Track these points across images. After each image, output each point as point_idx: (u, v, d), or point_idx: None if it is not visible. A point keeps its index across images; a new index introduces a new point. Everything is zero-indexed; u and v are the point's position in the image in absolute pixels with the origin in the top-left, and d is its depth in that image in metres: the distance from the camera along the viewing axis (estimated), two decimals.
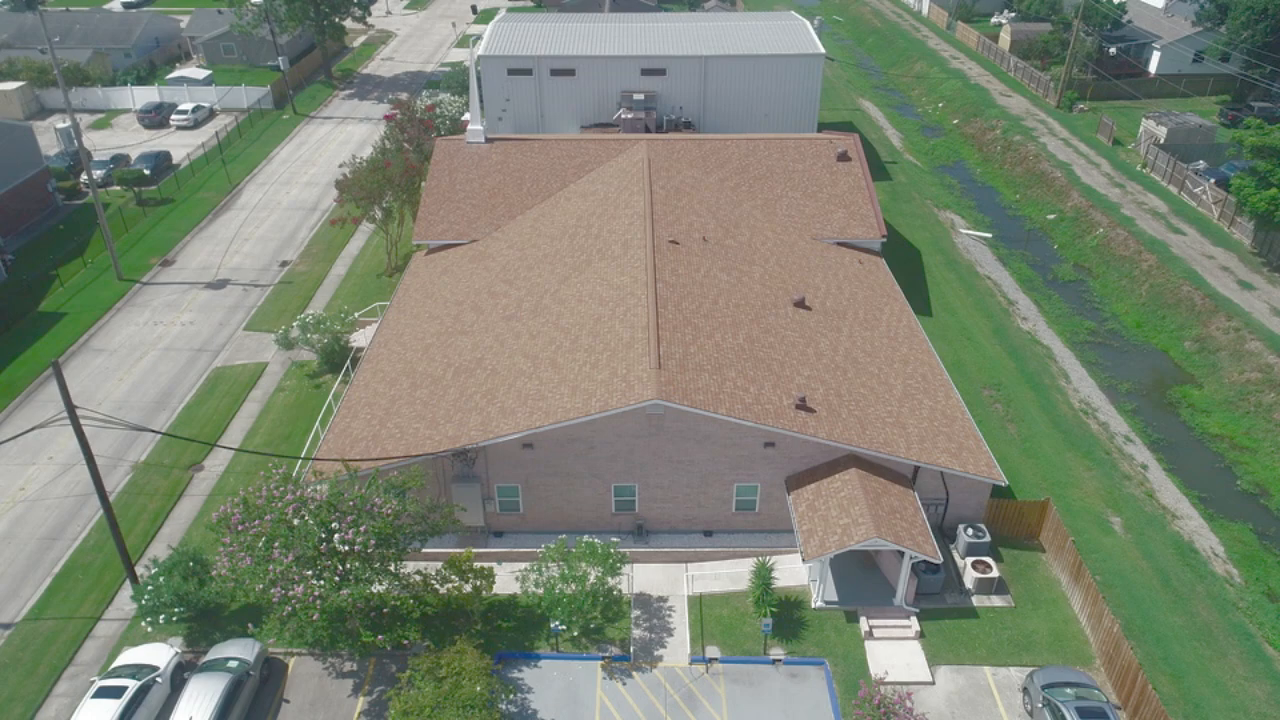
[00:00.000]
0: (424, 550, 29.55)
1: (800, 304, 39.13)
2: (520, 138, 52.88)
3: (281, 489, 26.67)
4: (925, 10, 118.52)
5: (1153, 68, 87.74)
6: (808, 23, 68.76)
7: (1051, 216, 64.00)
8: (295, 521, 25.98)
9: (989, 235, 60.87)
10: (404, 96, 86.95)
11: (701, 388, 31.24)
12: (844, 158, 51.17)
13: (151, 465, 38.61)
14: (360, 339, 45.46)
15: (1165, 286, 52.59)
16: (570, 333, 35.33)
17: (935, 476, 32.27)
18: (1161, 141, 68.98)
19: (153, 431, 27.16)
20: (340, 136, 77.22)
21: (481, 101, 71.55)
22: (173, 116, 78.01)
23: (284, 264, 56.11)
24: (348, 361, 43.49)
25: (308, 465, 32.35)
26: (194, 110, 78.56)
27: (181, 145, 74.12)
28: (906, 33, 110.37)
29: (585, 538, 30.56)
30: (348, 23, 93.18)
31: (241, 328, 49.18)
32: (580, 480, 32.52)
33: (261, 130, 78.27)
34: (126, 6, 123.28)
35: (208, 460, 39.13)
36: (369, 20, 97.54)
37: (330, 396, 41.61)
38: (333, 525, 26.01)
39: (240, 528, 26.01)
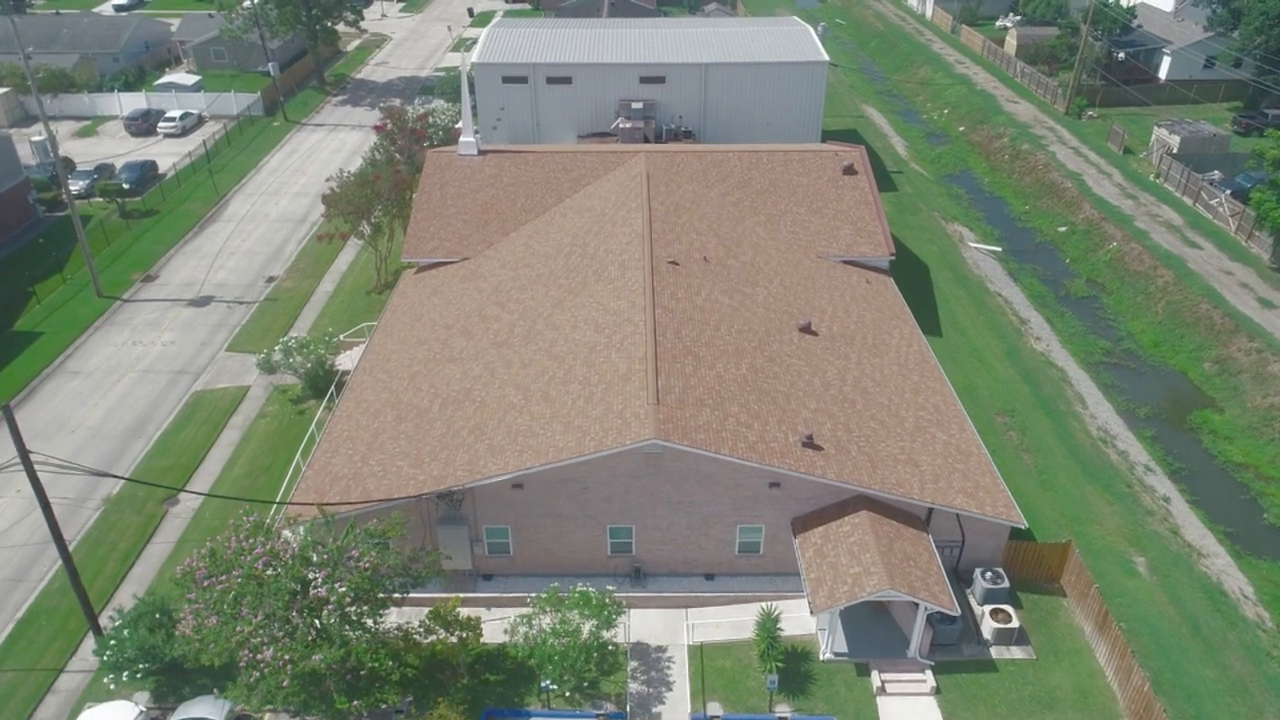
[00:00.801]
0: (408, 595, 27.69)
1: (806, 329, 37.26)
2: (514, 150, 51.02)
3: (252, 540, 24.79)
4: (929, 13, 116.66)
5: (1163, 73, 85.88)
6: (811, 29, 66.88)
7: (1063, 229, 62.14)
8: (268, 573, 24.11)
9: (999, 249, 59.00)
10: (397, 103, 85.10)
11: (702, 425, 29.37)
12: (850, 171, 49.31)
13: (124, 500, 36.74)
14: (346, 361, 43.60)
15: (1183, 304, 50.72)
16: (564, 362, 33.46)
17: (951, 518, 30.40)
18: (1175, 151, 67.13)
19: (114, 476, 25.35)
20: (332, 144, 75.34)
21: (475, 110, 69.71)
22: (160, 124, 76.12)
23: (270, 280, 54.22)
24: (332, 386, 41.61)
25: (283, 510, 30.42)
26: (182, 117, 76.66)
27: (168, 154, 72.21)
28: (910, 36, 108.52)
29: (579, 585, 28.69)
30: (341, 27, 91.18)
31: (224, 348, 47.30)
32: (574, 522, 30.66)
33: (251, 138, 76.37)
34: (118, 9, 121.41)
35: (184, 494, 37.24)
36: (361, 25, 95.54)
37: (313, 424, 39.73)
38: (307, 576, 24.15)
39: (206, 583, 24.13)
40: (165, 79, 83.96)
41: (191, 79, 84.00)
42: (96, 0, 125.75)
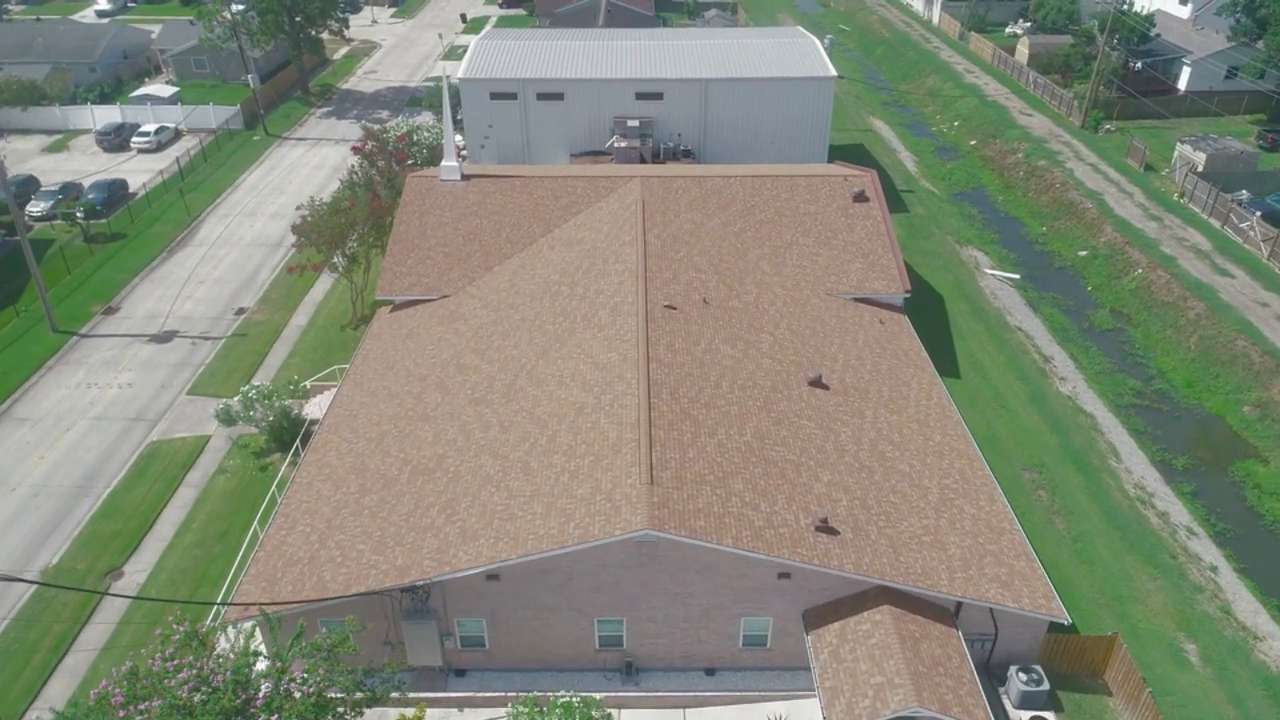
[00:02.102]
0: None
1: (816, 382, 33.75)
2: (500, 174, 47.49)
3: (180, 656, 21.28)
4: (936, 19, 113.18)
5: (1182, 84, 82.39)
6: (817, 41, 63.32)
7: (1083, 253, 58.62)
8: (195, 698, 20.61)
9: (1016, 276, 55.48)
10: (385, 115, 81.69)
11: (702, 508, 25.85)
12: (861, 198, 45.82)
13: (63, 572, 33.25)
14: (315, 409, 40.06)
15: (1217, 339, 47.22)
16: (547, 427, 29.94)
17: (983, 610, 26.90)
18: (1200, 169, 63.63)
19: (25, 581, 21.83)
20: (314, 160, 71.81)
21: (461, 126, 66.13)
22: (134, 139, 72.57)
23: (240, 312, 50.68)
24: (298, 440, 38.07)
25: (224, 613, 26.89)
26: (157, 132, 73.12)
27: (141, 171, 68.70)
28: (917, 43, 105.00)
29: (562, 695, 25.19)
30: (327, 35, 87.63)
31: (185, 391, 43.79)
32: (557, 614, 27.16)
33: (229, 153, 72.84)
34: (101, 15, 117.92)
35: (129, 564, 33.77)
36: (347, 34, 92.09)
37: (275, 482, 36.19)
38: (243, 702, 20.66)
39: (123, 714, 20.61)
40: (141, 90, 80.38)
41: (169, 90, 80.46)
42: (80, 5, 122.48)
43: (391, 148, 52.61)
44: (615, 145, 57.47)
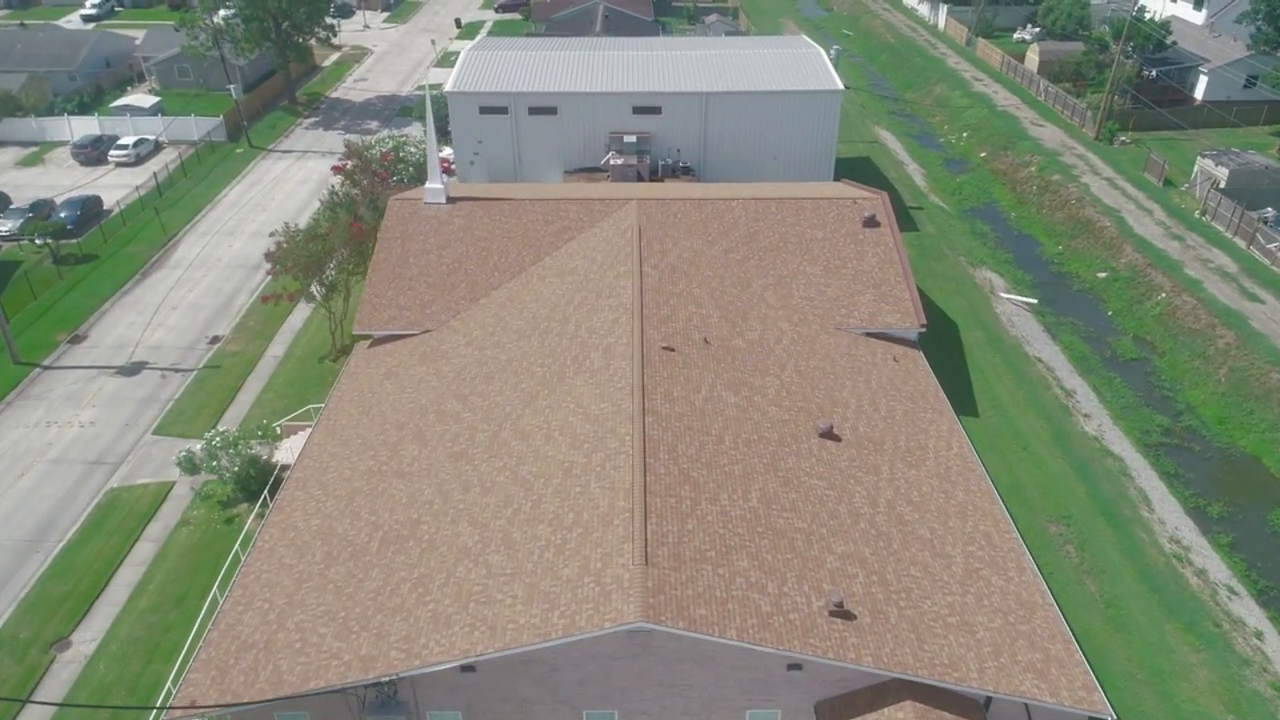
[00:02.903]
0: None
1: (828, 434, 30.99)
2: (488, 197, 44.69)
3: None
4: (941, 24, 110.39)
5: (1199, 93, 79.62)
6: (822, 51, 60.51)
7: (1102, 275, 55.84)
8: None
9: (1034, 301, 52.69)
10: (373, 125, 78.97)
11: (702, 593, 23.07)
12: (872, 223, 43.04)
13: (4, 641, 30.47)
14: (286, 453, 37.25)
15: (1249, 372, 44.44)
16: (532, 489, 27.17)
17: (1016, 705, 24.12)
18: (1222, 185, 60.85)
19: None
20: (298, 174, 69.04)
21: (448, 138, 63.36)
22: (111, 152, 69.77)
23: (214, 340, 47.92)
24: (265, 491, 35.28)
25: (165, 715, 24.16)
26: (136, 144, 70.33)
27: (118, 186, 65.93)
28: (922, 49, 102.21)
29: None
30: (315, 43, 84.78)
31: (151, 430, 41.02)
32: (541, 707, 24.39)
33: (210, 167, 70.05)
34: (87, 19, 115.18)
35: (78, 632, 30.99)
36: (335, 41, 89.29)
37: (239, 540, 33.42)
38: None
39: None
40: (121, 101, 77.54)
41: (150, 100, 77.66)
42: (66, 10, 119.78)
43: (375, 166, 49.76)
44: (611, 162, 54.72)
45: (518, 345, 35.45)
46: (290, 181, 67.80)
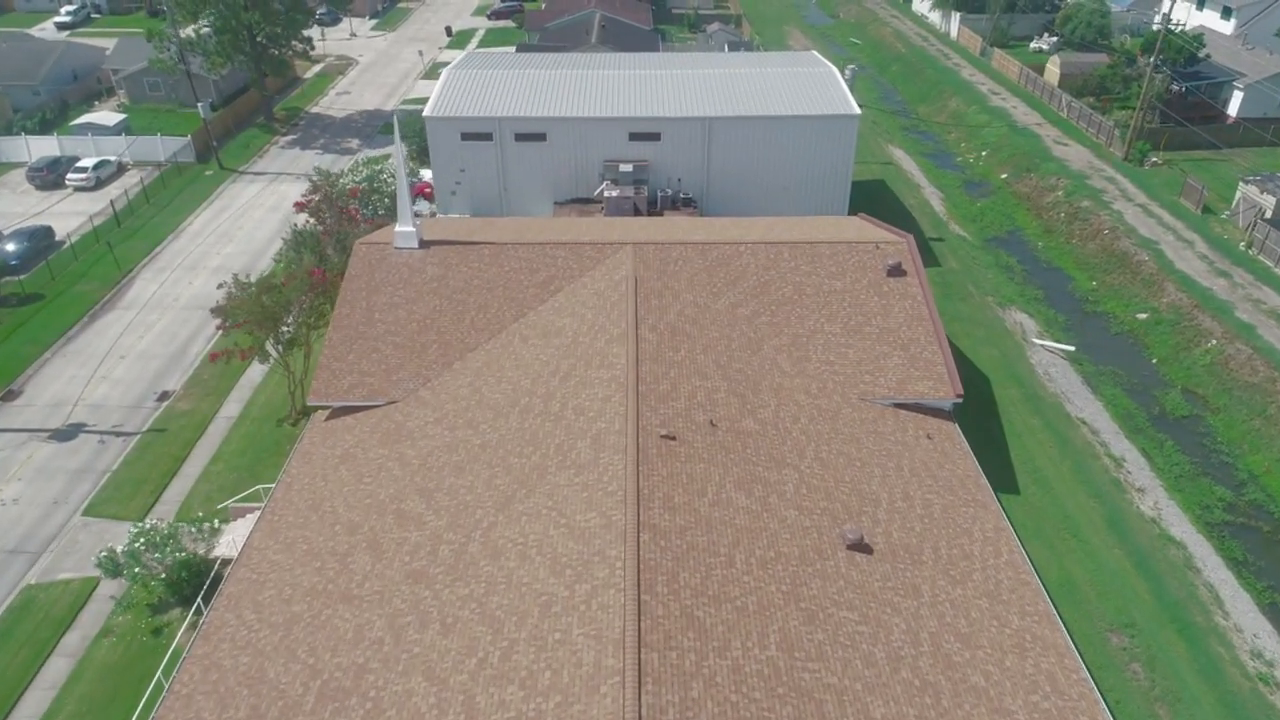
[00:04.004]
0: None
1: (857, 545, 26.16)
2: (466, 240, 39.80)
3: None
4: (954, 33, 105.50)
5: (1233, 110, 74.83)
6: (835, 70, 55.57)
7: (1143, 316, 51.01)
8: None
9: (1071, 348, 47.82)
10: (354, 144, 74.13)
11: None
12: (897, 272, 38.19)
13: None
14: (228, 546, 32.36)
15: None
16: (503, 632, 22.31)
17: None
18: (1269, 214, 56.05)
19: None
20: (269, 200, 64.15)
21: (420, 165, 58.49)
22: (69, 175, 64.86)
23: (163, 397, 43.10)
24: (200, 597, 30.38)
25: None
26: (96, 166, 65.43)
27: (74, 214, 61.03)
28: (934, 60, 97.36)
29: None
30: (292, 55, 79.89)
31: (81, 510, 36.19)
32: None
33: (176, 191, 65.18)
34: (61, 28, 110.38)
35: None
36: (319, 51, 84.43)
37: (165, 659, 28.54)
38: None
39: None
40: (83, 119, 72.58)
41: (115, 118, 72.74)
42: (41, 17, 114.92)
43: (342, 202, 44.86)
44: (606, 194, 49.85)
45: (494, 426, 30.58)
46: (260, 208, 62.93)
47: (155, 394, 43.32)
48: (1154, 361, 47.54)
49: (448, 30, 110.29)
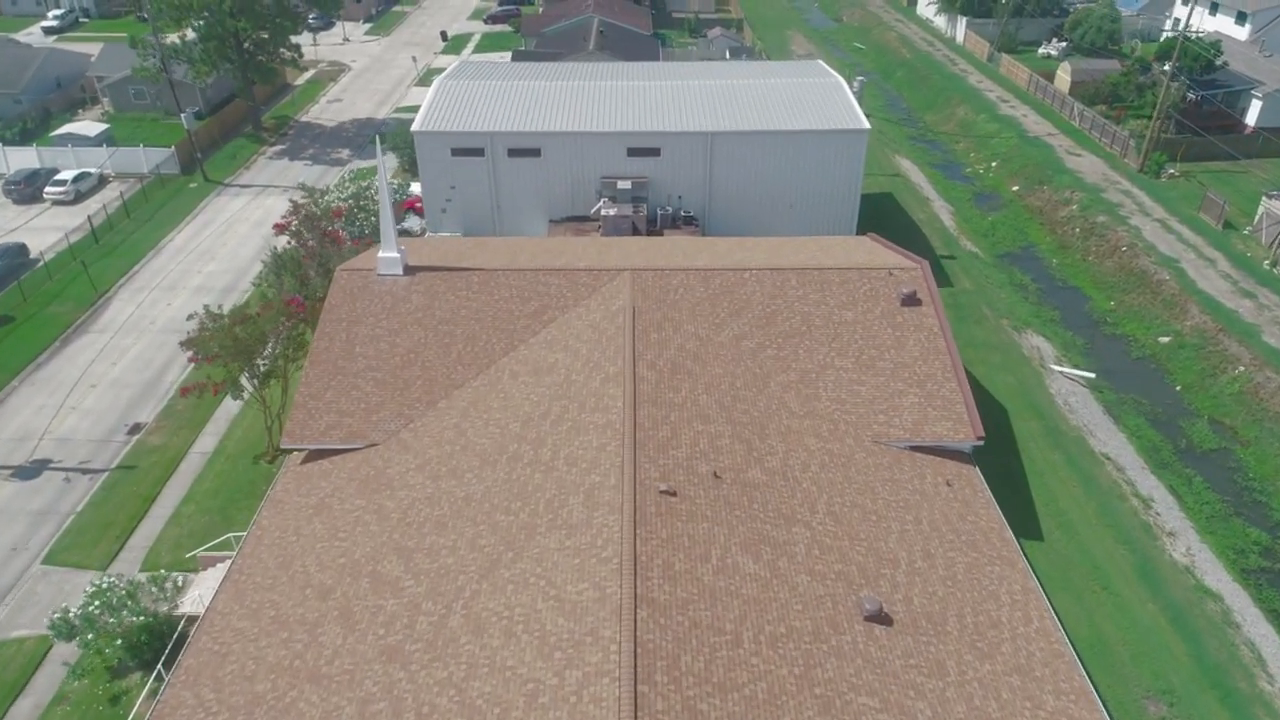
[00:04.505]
0: None
1: (876, 616, 23.84)
2: (453, 267, 37.49)
3: None
4: (960, 38, 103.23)
5: (1251, 119, 72.54)
6: (842, 81, 53.23)
7: (1165, 339, 48.71)
8: None
9: (1091, 375, 45.51)
10: (344, 154, 71.87)
11: None
12: (912, 301, 35.89)
13: None
14: (194, 602, 30.05)
15: None
16: None
17: None
18: None
19: None
20: (255, 214, 61.84)
21: (404, 195, 56.19)
22: (47, 189, 62.54)
23: (134, 430, 40.81)
24: (161, 661, 28.07)
25: None
26: (75, 179, 63.12)
27: (52, 229, 58.84)
28: (941, 65, 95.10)
29: None
30: (280, 64, 77.54)
31: (40, 558, 33.88)
32: None
33: (158, 206, 62.88)
34: (48, 32, 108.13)
35: None
36: (311, 56, 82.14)
37: None
38: None
39: None
40: (64, 129, 70.25)
41: (96, 128, 70.44)
42: (28, 21, 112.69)
43: (325, 224, 42.55)
44: (603, 212, 47.54)
45: (479, 476, 28.28)
46: (245, 223, 60.62)
47: (126, 426, 41.02)
48: (1178, 389, 45.24)
49: (443, 35, 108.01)
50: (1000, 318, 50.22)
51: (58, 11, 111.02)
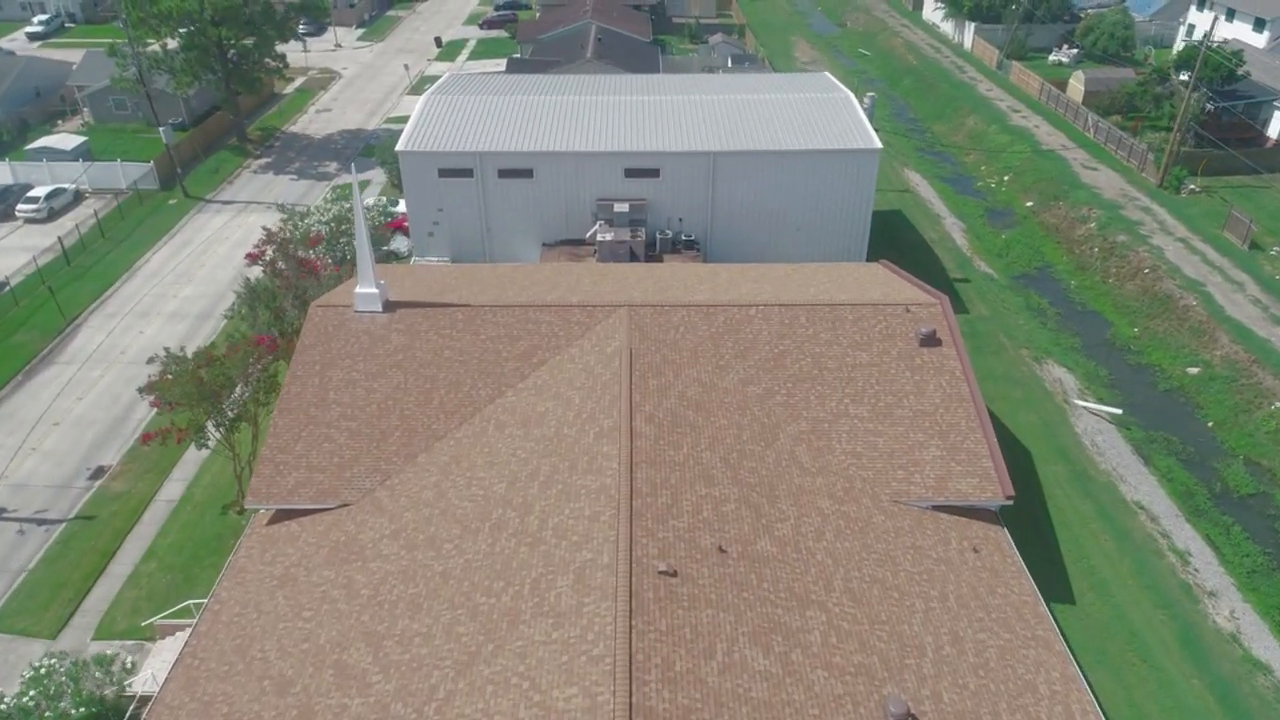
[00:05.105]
0: None
1: (903, 719, 21.17)
2: (437, 303, 34.79)
3: None
4: (968, 44, 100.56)
5: (1273, 131, 69.89)
6: (852, 97, 50.50)
7: (1194, 370, 46.04)
8: None
9: (1118, 411, 42.84)
10: (331, 167, 69.17)
11: None
12: (931, 341, 33.20)
13: None
14: (148, 680, 27.38)
15: None
16: None
17: None
18: None
19: None
20: (236, 234, 59.17)
21: (390, 215, 53.42)
22: (19, 206, 59.88)
23: (97, 474, 38.16)
24: None
25: None
26: (48, 196, 60.46)
27: (23, 249, 56.21)
28: (948, 73, 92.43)
29: None
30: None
31: None
32: None
33: (135, 224, 60.21)
34: (32, 38, 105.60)
35: None
36: (301, 64, 79.47)
37: None
38: None
39: None
40: (39, 142, 67.57)
41: (73, 141, 67.78)
42: (12, 27, 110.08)
43: (301, 252, 39.85)
44: (599, 238, 44.83)
45: (459, 548, 25.59)
46: (226, 243, 57.94)
47: (88, 470, 38.36)
48: (1210, 425, 42.57)
49: (437, 41, 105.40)
50: (1019, 347, 47.54)
51: (43, 17, 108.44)
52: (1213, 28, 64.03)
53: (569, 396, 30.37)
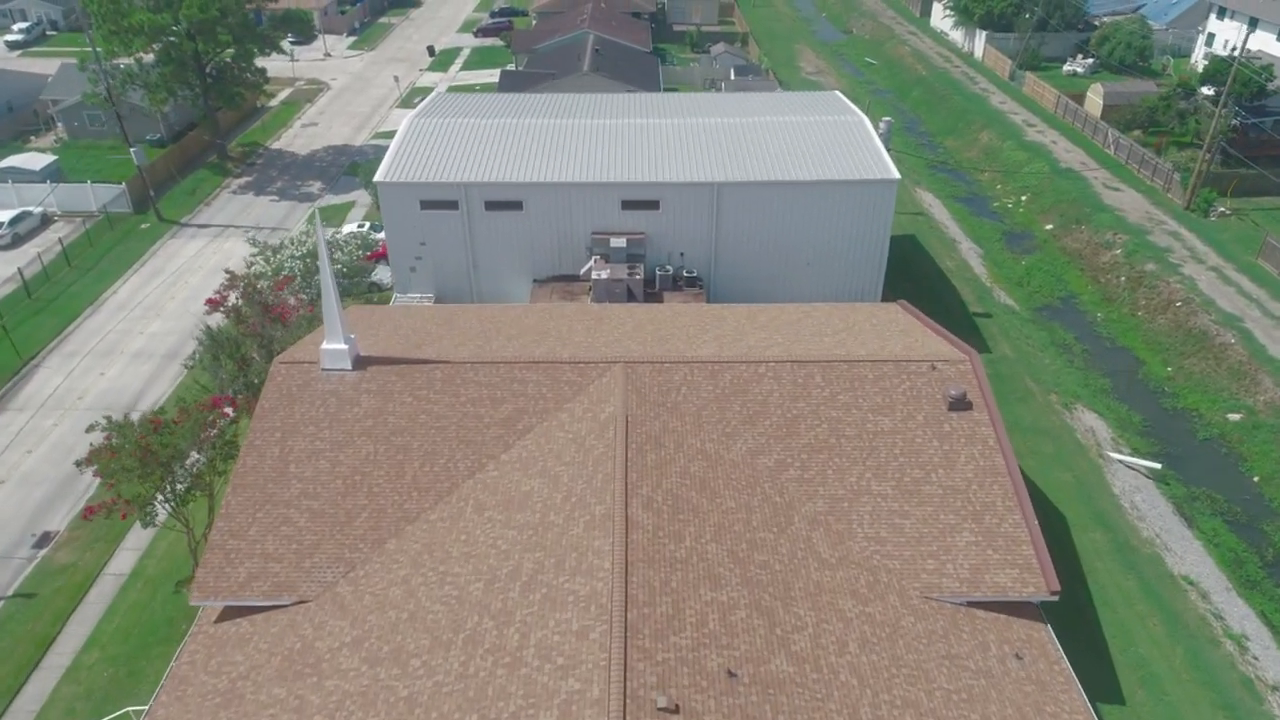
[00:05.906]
0: None
1: None
2: (413, 359, 31.41)
3: None
4: (979, 53, 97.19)
5: None
6: (866, 120, 47.05)
7: (1235, 416, 42.70)
8: None
9: (1157, 466, 39.45)
10: (315, 186, 65.78)
11: None
12: (960, 404, 29.81)
13: None
14: None
15: None
16: None
17: None
18: None
19: None
20: (211, 260, 55.79)
21: (371, 246, 50.00)
22: None
23: (42, 541, 34.80)
24: None
25: None
26: (12, 221, 57.10)
27: None
28: (960, 84, 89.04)
29: None
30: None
31: None
32: None
33: (103, 251, 56.81)
34: (12, 47, 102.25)
35: None
36: (288, 74, 76.09)
37: None
38: None
39: None
40: (6, 162, 64.14)
41: (42, 160, 64.36)
42: None
43: (268, 297, 36.46)
44: (595, 275, 41.41)
45: (428, 666, 22.19)
46: (199, 271, 54.56)
47: (33, 537, 35.01)
48: (1255, 480, 39.21)
49: (430, 50, 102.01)
50: (1048, 392, 44.15)
51: (23, 24, 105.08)
52: (1245, 40, 60.43)
53: (557, 473, 27.01)
